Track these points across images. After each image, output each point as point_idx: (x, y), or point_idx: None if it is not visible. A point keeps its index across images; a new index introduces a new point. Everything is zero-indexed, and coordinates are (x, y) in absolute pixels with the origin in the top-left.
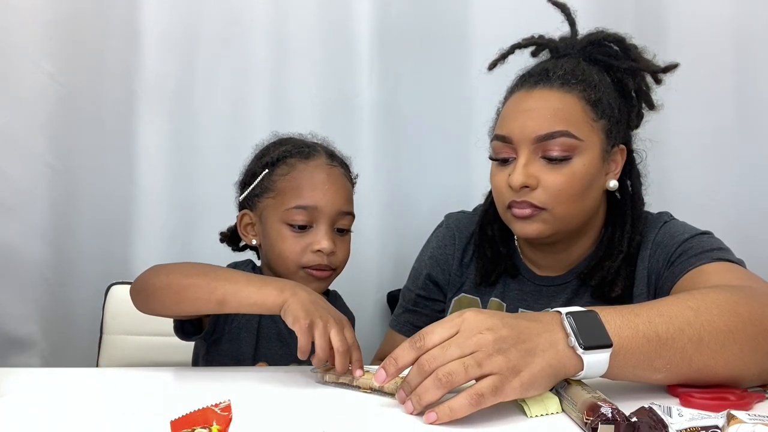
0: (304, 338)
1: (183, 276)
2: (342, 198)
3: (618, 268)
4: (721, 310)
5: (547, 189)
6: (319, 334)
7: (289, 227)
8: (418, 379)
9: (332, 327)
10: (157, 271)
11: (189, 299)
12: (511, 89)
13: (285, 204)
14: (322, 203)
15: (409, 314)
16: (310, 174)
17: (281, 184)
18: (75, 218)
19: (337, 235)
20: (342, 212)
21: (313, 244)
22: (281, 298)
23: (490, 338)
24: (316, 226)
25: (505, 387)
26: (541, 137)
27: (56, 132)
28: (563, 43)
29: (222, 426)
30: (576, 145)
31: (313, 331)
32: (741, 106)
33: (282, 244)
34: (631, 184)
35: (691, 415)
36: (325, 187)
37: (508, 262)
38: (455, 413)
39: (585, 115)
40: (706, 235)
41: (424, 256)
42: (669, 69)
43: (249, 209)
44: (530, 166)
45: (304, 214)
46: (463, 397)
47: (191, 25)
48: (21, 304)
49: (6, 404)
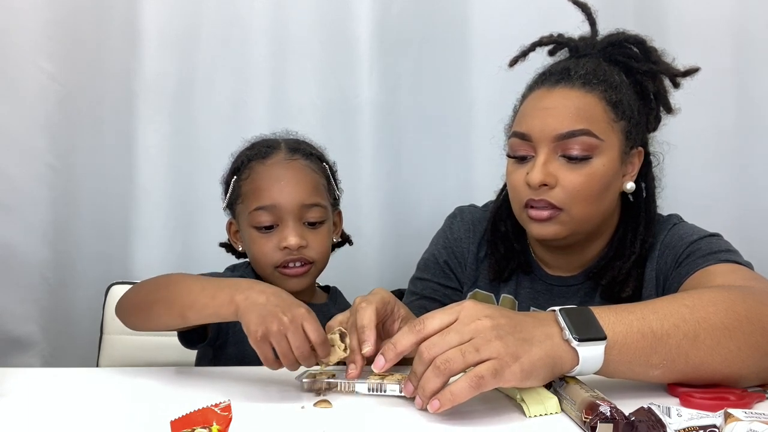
0: (261, 351)
1: (147, 293)
2: (304, 191)
3: (629, 269)
4: (717, 308)
5: (566, 188)
6: (276, 342)
7: (257, 230)
8: (421, 368)
9: (288, 329)
10: (132, 290)
11: (155, 318)
12: (530, 87)
13: (249, 207)
14: (281, 200)
15: (426, 300)
16: (267, 173)
17: (244, 188)
18: (75, 218)
19: (307, 228)
20: (306, 205)
21: (280, 242)
22: (233, 307)
23: (488, 324)
24: (282, 224)
25: (504, 371)
26: (561, 135)
27: (56, 132)
28: (583, 42)
29: (222, 426)
30: (596, 145)
31: (269, 340)
32: (741, 106)
33: (254, 248)
34: (646, 187)
35: (690, 415)
36: (281, 183)
37: (522, 258)
38: (456, 397)
39: (605, 115)
40: (714, 237)
41: (437, 245)
42: (690, 73)
43: (233, 217)
44: (549, 164)
45: (267, 214)
46: (463, 380)
47: (191, 25)
48: (21, 304)
49: (6, 404)
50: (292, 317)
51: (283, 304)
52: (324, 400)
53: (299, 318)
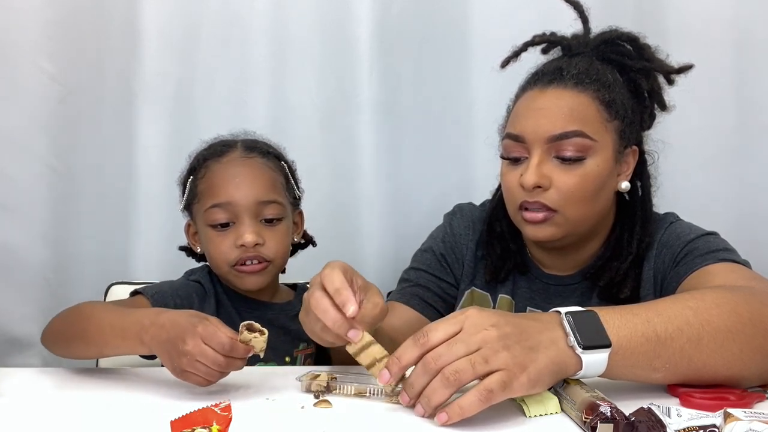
0: (188, 381)
1: (65, 327)
2: (260, 188)
3: (626, 269)
4: (721, 310)
5: (560, 190)
6: (194, 371)
7: (212, 228)
8: (425, 378)
9: (195, 356)
10: (53, 322)
11: (76, 352)
12: (523, 87)
13: (204, 206)
14: (236, 197)
15: (419, 288)
16: (222, 171)
17: (200, 187)
18: (75, 218)
19: (264, 226)
20: (262, 202)
21: (236, 240)
22: (146, 348)
23: (495, 334)
24: (238, 221)
25: (513, 383)
26: (554, 137)
27: (56, 132)
28: (576, 41)
29: (222, 426)
30: (590, 146)
31: (187, 372)
32: (741, 106)
33: (210, 247)
34: (641, 186)
35: (690, 415)
36: (236, 180)
37: (518, 258)
38: (465, 411)
39: (599, 115)
40: (711, 235)
41: (436, 239)
42: (683, 70)
43: (191, 219)
44: (543, 166)
45: (222, 211)
46: (473, 394)
47: (191, 25)
48: (21, 304)
49: (6, 404)
50: (194, 344)
51: (181, 331)
52: (324, 400)
53: (201, 339)
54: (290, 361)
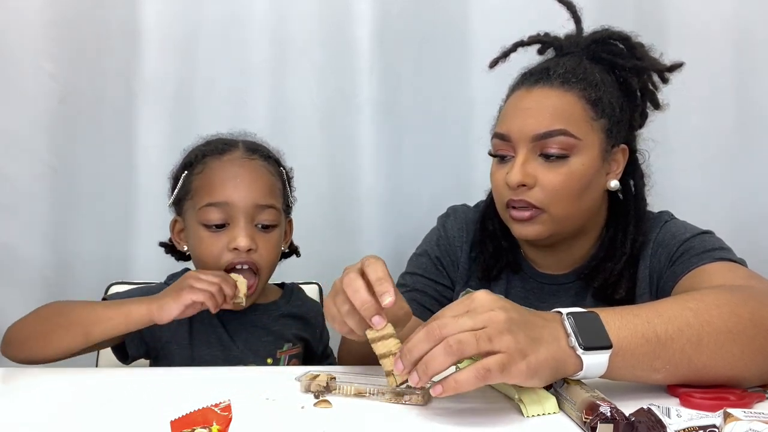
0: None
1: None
2: (259, 191)
3: (621, 270)
4: (721, 311)
5: (545, 188)
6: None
7: (205, 227)
8: (426, 345)
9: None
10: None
11: (55, 343)
12: (512, 87)
13: (199, 203)
14: (234, 198)
15: (417, 293)
16: (222, 169)
17: (196, 183)
18: (75, 218)
19: (259, 231)
20: (260, 206)
21: (230, 243)
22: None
23: (502, 317)
24: (232, 223)
25: (511, 367)
26: (539, 135)
27: (56, 132)
28: (568, 41)
29: (222, 426)
30: (574, 144)
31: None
32: (741, 106)
33: (200, 247)
34: (634, 185)
35: (690, 416)
36: (236, 180)
37: (510, 256)
38: (461, 386)
39: (584, 114)
40: (707, 234)
41: (430, 243)
42: (674, 68)
43: (179, 215)
44: (528, 164)
45: (217, 211)
46: (470, 370)
47: (191, 25)
48: (21, 303)
49: (6, 404)
50: (193, 277)
51: (179, 281)
52: (324, 400)
53: (195, 275)
54: (272, 363)
